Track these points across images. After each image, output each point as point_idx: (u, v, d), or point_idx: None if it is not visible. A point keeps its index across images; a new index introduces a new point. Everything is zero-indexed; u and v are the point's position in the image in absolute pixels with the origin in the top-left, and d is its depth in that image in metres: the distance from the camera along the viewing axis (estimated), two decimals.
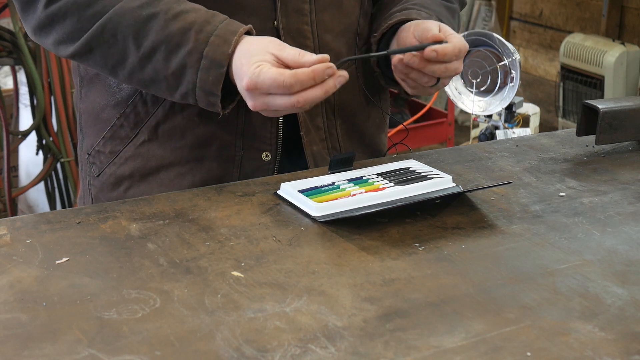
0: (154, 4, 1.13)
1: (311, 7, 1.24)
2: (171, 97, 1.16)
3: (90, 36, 1.14)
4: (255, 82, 1.07)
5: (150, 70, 1.13)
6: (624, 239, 1.03)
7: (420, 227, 1.06)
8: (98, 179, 1.31)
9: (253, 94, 1.08)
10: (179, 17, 1.12)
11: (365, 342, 0.80)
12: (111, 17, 1.12)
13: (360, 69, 1.35)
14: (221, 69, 1.10)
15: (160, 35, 1.12)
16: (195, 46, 1.11)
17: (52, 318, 0.84)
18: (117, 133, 1.26)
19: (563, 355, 0.78)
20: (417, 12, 1.26)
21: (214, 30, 1.11)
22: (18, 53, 2.82)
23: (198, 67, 1.11)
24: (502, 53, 2.69)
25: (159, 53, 1.12)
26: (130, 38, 1.12)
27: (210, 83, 1.11)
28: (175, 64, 1.12)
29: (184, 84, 1.13)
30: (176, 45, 1.11)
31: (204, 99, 1.13)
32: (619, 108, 1.32)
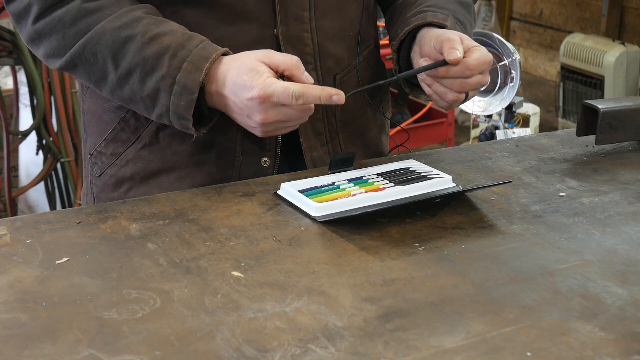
0: (133, 25, 1.15)
1: (311, 15, 1.24)
2: (149, 117, 1.19)
3: (73, 53, 1.16)
4: (266, 93, 1.09)
5: (128, 90, 1.16)
6: (624, 239, 1.03)
7: (420, 227, 1.06)
8: (100, 179, 1.31)
9: (264, 106, 1.10)
10: (155, 41, 1.14)
11: (365, 342, 0.80)
12: (92, 37, 1.15)
13: (361, 75, 1.34)
14: (192, 95, 1.12)
15: (136, 58, 1.14)
16: (168, 72, 1.13)
17: (52, 318, 0.84)
18: (119, 136, 1.27)
19: (563, 355, 0.78)
20: (432, 14, 1.26)
21: (187, 56, 1.13)
22: (18, 53, 2.82)
23: (171, 92, 1.13)
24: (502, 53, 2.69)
25: (135, 75, 1.14)
26: (109, 58, 1.15)
27: (182, 108, 1.13)
28: (150, 87, 1.14)
29: (158, 106, 1.15)
30: (151, 69, 1.13)
31: (177, 122, 1.15)
32: (619, 108, 1.32)
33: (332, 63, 1.29)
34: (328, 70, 1.29)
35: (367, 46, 1.37)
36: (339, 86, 1.30)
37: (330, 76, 1.29)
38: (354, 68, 1.33)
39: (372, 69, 1.39)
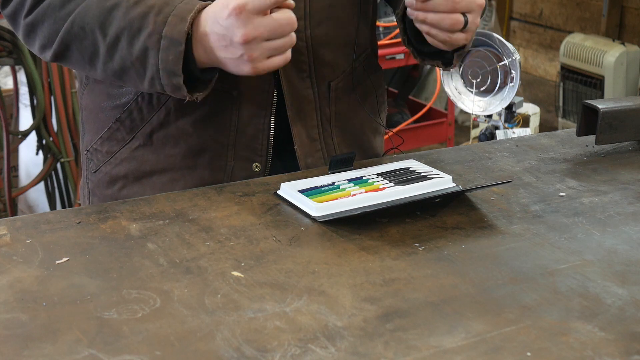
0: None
1: (305, 23, 1.24)
2: (142, 86, 1.16)
3: (63, 33, 1.16)
4: (241, 3, 1.05)
5: (118, 58, 1.14)
6: (624, 239, 1.03)
7: (420, 227, 1.06)
8: (95, 175, 1.33)
9: (243, 18, 1.06)
10: (140, 3, 1.13)
11: (365, 342, 0.80)
12: (79, 12, 1.15)
13: (356, 80, 1.34)
14: (179, 46, 1.10)
15: (122, 22, 1.13)
16: (154, 28, 1.11)
17: (52, 318, 0.84)
18: (114, 135, 1.28)
19: (563, 355, 0.78)
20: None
21: (172, 11, 1.12)
22: (18, 53, 2.82)
23: (159, 47, 1.11)
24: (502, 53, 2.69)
25: (123, 40, 1.13)
26: (96, 29, 1.14)
27: (171, 62, 1.10)
28: (138, 48, 1.12)
29: (149, 67, 1.13)
30: (137, 29, 1.12)
31: (168, 82, 1.12)
32: (619, 108, 1.32)
33: (327, 70, 1.29)
34: (323, 77, 1.29)
35: (363, 51, 1.37)
36: (333, 93, 1.31)
37: (325, 83, 1.29)
38: (349, 74, 1.33)
39: (367, 74, 1.38)
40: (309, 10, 1.24)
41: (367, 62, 1.38)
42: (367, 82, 1.39)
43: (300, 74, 1.26)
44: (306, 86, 1.27)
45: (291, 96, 1.26)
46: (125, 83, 1.19)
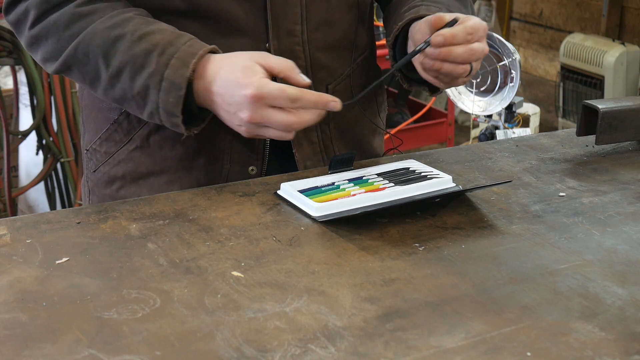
0: (123, 25, 1.15)
1: (302, 28, 1.24)
2: (142, 116, 1.18)
3: (66, 55, 1.17)
4: (261, 92, 1.08)
5: (119, 89, 1.16)
6: (624, 239, 1.03)
7: (420, 227, 1.06)
8: (94, 174, 1.33)
9: (256, 105, 1.08)
10: (144, 39, 1.14)
11: (365, 342, 0.80)
12: (84, 38, 1.16)
13: (354, 82, 1.34)
14: (180, 91, 1.11)
15: (125, 56, 1.14)
16: (156, 69, 1.12)
17: (52, 318, 0.84)
18: (112, 136, 1.29)
19: (563, 355, 0.78)
20: (426, 7, 1.25)
21: (175, 53, 1.12)
22: (18, 53, 2.82)
23: (159, 88, 1.13)
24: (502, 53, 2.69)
25: (125, 73, 1.14)
26: (100, 58, 1.15)
27: (171, 105, 1.12)
28: (139, 84, 1.14)
29: (149, 104, 1.15)
30: (140, 66, 1.13)
31: (167, 120, 1.15)
32: (619, 108, 1.32)
33: (325, 74, 1.30)
34: (320, 81, 1.29)
35: (361, 53, 1.36)
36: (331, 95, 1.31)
37: (323, 86, 1.30)
38: (347, 77, 1.33)
39: (365, 76, 1.38)
40: (305, 14, 1.24)
41: (365, 64, 1.38)
42: (366, 84, 1.39)
43: None
44: None
45: None
46: (125, 108, 1.22)
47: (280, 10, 1.21)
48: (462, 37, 1.14)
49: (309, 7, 1.24)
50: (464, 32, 1.14)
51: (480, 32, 1.16)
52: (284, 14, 1.22)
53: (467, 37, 1.14)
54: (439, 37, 1.13)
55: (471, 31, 1.14)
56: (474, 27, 1.15)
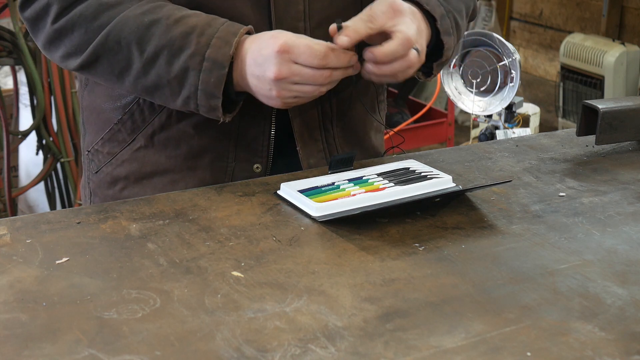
0: (155, 11, 1.14)
1: (306, 25, 1.24)
2: (174, 104, 1.17)
3: (96, 45, 1.15)
4: (289, 45, 1.09)
5: (154, 75, 1.14)
6: (624, 239, 1.03)
7: (420, 227, 1.06)
8: (96, 176, 1.33)
9: (282, 58, 1.09)
10: (181, 22, 1.13)
11: (365, 342, 0.80)
12: (115, 25, 1.14)
13: (356, 79, 1.34)
14: (223, 70, 1.11)
15: (162, 40, 1.13)
16: (197, 49, 1.12)
17: (52, 318, 0.84)
18: (115, 136, 1.28)
19: (563, 355, 0.78)
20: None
21: (215, 33, 1.12)
22: (18, 53, 2.82)
23: (200, 69, 1.12)
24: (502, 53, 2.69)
25: (162, 57, 1.13)
26: (133, 44, 1.14)
27: (212, 85, 1.12)
28: (177, 67, 1.13)
29: (186, 87, 1.13)
30: (178, 48, 1.12)
31: (205, 103, 1.13)
32: (619, 108, 1.32)
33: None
34: None
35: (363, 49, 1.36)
36: (334, 93, 1.30)
37: None
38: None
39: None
40: (308, 11, 1.24)
41: None
42: (368, 82, 1.39)
43: None
44: None
45: None
46: (154, 99, 1.20)
47: (283, 7, 1.21)
48: (391, 57, 1.13)
49: (311, 4, 1.24)
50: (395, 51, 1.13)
51: (409, 44, 1.14)
52: (287, 10, 1.22)
53: (396, 56, 1.14)
54: (370, 54, 1.13)
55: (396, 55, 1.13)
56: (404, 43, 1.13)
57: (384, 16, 1.15)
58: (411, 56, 1.15)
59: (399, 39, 1.13)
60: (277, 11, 1.21)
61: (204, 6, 1.19)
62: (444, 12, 1.23)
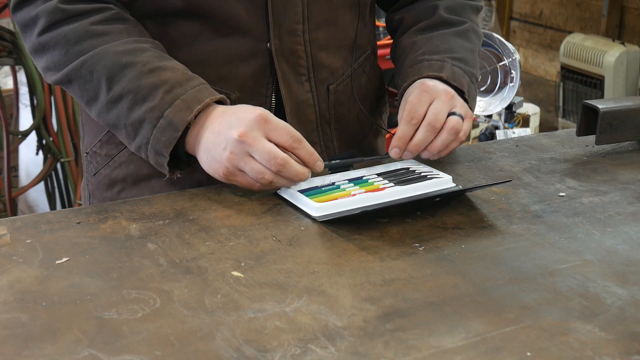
0: (136, 53, 1.14)
1: (304, 27, 1.24)
2: (129, 146, 1.17)
3: (71, 68, 1.15)
4: (269, 117, 1.09)
5: (114, 115, 1.15)
6: (624, 239, 1.03)
7: (420, 227, 1.06)
8: (94, 177, 1.33)
9: (257, 126, 1.08)
10: (155, 73, 1.13)
11: (365, 342, 0.80)
12: (93, 55, 1.14)
13: (355, 82, 1.34)
14: (176, 132, 1.10)
15: (130, 85, 1.13)
16: (159, 104, 1.11)
17: (52, 318, 0.84)
18: (113, 138, 1.28)
19: (563, 355, 0.78)
20: (427, 64, 1.26)
21: (183, 94, 1.12)
22: (18, 53, 2.82)
23: (155, 125, 1.11)
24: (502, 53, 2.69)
25: (125, 101, 1.13)
26: (103, 79, 1.14)
27: (162, 143, 1.11)
28: (136, 115, 1.13)
29: (139, 137, 1.13)
30: (142, 98, 1.12)
31: (153, 158, 1.14)
32: (619, 108, 1.32)
33: (326, 74, 1.29)
34: (322, 81, 1.29)
35: (362, 53, 1.36)
36: (332, 96, 1.31)
37: (324, 86, 1.29)
38: (349, 77, 1.33)
39: (367, 75, 1.38)
40: (306, 13, 1.24)
41: (366, 64, 1.38)
42: (367, 84, 1.39)
43: (298, 78, 1.26)
44: (305, 90, 1.27)
45: (290, 100, 1.25)
46: (114, 133, 1.20)
47: (281, 9, 1.21)
48: (414, 151, 1.19)
49: (310, 6, 1.23)
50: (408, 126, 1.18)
51: (425, 142, 1.19)
52: (286, 12, 1.22)
53: (419, 148, 1.19)
54: (395, 149, 1.20)
55: (423, 145, 1.19)
56: (425, 140, 1.18)
57: (422, 107, 1.19)
58: (452, 123, 1.19)
59: (423, 125, 1.18)
60: (275, 13, 1.21)
61: (200, 8, 1.19)
62: (468, 80, 1.27)
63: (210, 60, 1.21)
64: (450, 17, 1.33)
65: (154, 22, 1.21)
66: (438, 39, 1.30)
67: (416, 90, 1.21)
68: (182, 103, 1.11)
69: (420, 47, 1.29)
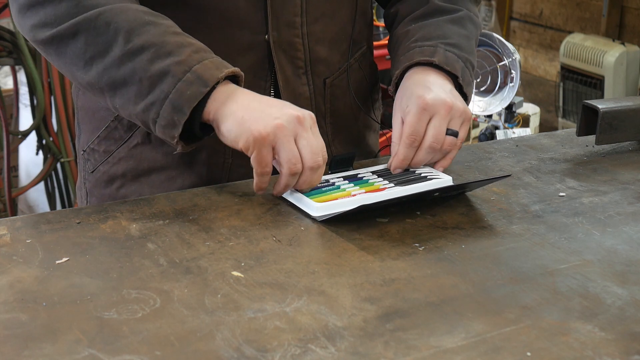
0: (158, 17, 1.11)
1: (302, 20, 1.24)
2: (133, 107, 1.09)
3: (81, 19, 1.08)
4: (310, 116, 1.09)
5: (129, 69, 1.07)
6: (624, 239, 1.03)
7: (420, 227, 1.06)
8: (92, 175, 1.32)
9: (295, 124, 1.07)
10: (180, 35, 1.11)
11: (365, 342, 0.80)
12: (112, 8, 1.09)
13: (352, 77, 1.35)
14: (204, 87, 1.06)
15: (154, 38, 1.08)
16: (186, 59, 1.07)
17: (52, 318, 0.84)
18: (112, 134, 1.27)
19: (563, 355, 0.78)
20: (419, 50, 1.25)
21: (211, 57, 1.09)
22: (18, 53, 2.82)
23: (181, 78, 1.06)
24: (502, 53, 2.69)
25: (146, 53, 1.07)
26: (122, 32, 1.07)
27: (185, 97, 1.05)
28: (157, 68, 1.06)
29: (156, 91, 1.06)
30: (167, 52, 1.07)
31: (167, 115, 1.06)
32: (619, 108, 1.32)
33: (323, 67, 1.30)
34: (319, 75, 1.29)
35: (359, 48, 1.37)
36: (329, 89, 1.31)
37: (321, 80, 1.30)
38: (345, 71, 1.33)
39: (363, 71, 1.39)
40: (305, 6, 1.24)
41: (362, 59, 1.39)
42: (363, 79, 1.39)
43: (296, 71, 1.26)
44: (302, 82, 1.27)
45: (287, 93, 1.26)
46: (114, 97, 1.11)
47: (280, 1, 1.21)
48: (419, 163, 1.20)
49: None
50: (410, 149, 1.19)
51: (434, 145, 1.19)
52: (284, 5, 1.22)
53: (424, 159, 1.20)
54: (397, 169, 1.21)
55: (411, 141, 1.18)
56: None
57: (422, 127, 1.19)
58: (447, 142, 1.19)
59: (425, 147, 1.19)
60: (273, 5, 1.21)
61: (197, 3, 1.18)
62: (462, 65, 1.25)
63: None
64: (444, 5, 1.33)
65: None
66: (431, 26, 1.29)
67: (414, 108, 1.18)
68: (211, 63, 1.08)
69: (413, 35, 1.29)
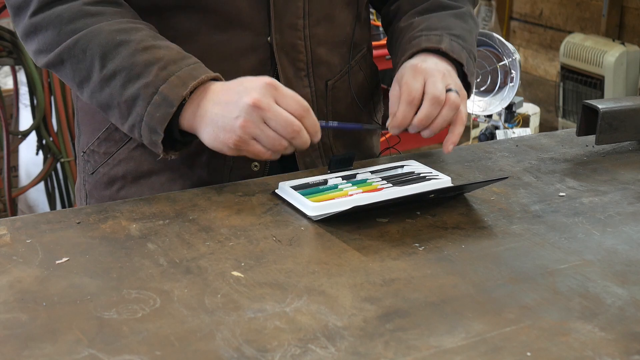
0: (131, 32, 1.13)
1: (305, 22, 1.24)
2: (122, 127, 1.16)
3: (63, 48, 1.14)
4: (277, 83, 1.08)
5: (107, 94, 1.13)
6: (624, 239, 1.03)
7: (420, 227, 1.06)
8: (92, 177, 1.32)
9: (268, 91, 1.07)
10: (149, 50, 1.12)
11: (365, 342, 0.80)
12: (87, 34, 1.13)
13: (353, 79, 1.35)
14: (170, 108, 1.09)
15: (124, 62, 1.12)
16: (153, 80, 1.10)
17: (52, 318, 0.84)
18: (112, 135, 1.27)
19: (563, 355, 0.78)
20: (426, 38, 1.26)
21: (177, 71, 1.11)
22: (18, 53, 2.82)
23: (150, 101, 1.10)
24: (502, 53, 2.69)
25: (118, 78, 1.12)
26: (97, 57, 1.13)
27: (156, 120, 1.10)
28: (129, 92, 1.11)
29: (133, 114, 1.12)
30: (136, 75, 1.11)
31: (147, 135, 1.12)
32: (619, 108, 1.32)
33: (325, 69, 1.30)
34: (320, 77, 1.29)
35: (359, 50, 1.37)
36: (330, 92, 1.31)
37: (322, 82, 1.30)
38: (346, 73, 1.33)
39: (364, 72, 1.39)
40: (307, 8, 1.24)
41: (363, 61, 1.39)
42: (364, 81, 1.39)
43: (298, 73, 1.26)
44: (304, 85, 1.27)
45: None
46: (108, 116, 1.18)
47: (283, 4, 1.21)
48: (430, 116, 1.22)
49: (311, 1, 1.24)
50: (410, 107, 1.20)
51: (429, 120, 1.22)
52: (287, 7, 1.22)
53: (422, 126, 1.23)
54: (395, 130, 1.23)
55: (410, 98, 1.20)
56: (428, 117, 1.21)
57: (418, 85, 1.20)
58: (452, 98, 1.20)
59: (427, 100, 1.19)
60: (276, 7, 1.21)
61: (200, 2, 1.18)
62: (467, 55, 1.26)
63: (211, 54, 1.21)
64: (447, 1, 1.35)
65: (153, 16, 1.21)
66: (436, 18, 1.31)
67: (408, 72, 1.21)
68: (177, 79, 1.10)
69: (418, 26, 1.30)
